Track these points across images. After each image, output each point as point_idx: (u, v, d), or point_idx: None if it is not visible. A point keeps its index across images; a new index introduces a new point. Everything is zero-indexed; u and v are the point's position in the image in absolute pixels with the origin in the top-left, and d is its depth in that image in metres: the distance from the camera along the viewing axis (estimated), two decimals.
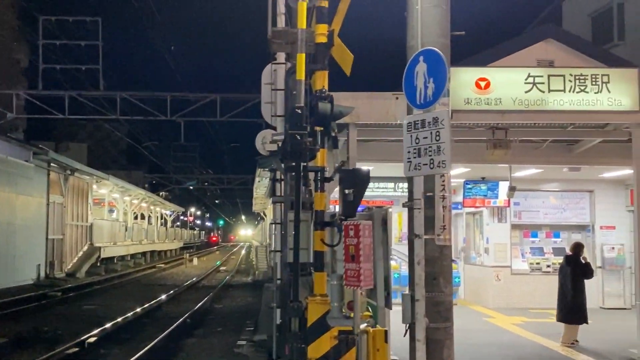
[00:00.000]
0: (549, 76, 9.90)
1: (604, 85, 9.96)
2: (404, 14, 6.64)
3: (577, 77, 9.92)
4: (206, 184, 70.57)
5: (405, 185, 7.30)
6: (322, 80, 6.76)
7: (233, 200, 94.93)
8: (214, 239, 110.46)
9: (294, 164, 6.28)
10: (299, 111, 6.11)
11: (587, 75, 9.95)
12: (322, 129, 6.61)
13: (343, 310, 6.14)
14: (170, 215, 64.91)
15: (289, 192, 7.31)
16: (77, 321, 15.56)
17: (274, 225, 10.70)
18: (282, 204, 8.37)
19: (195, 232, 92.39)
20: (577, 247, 11.83)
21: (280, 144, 6.55)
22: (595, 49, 12.56)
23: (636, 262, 10.73)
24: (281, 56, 10.39)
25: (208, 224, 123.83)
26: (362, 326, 5.81)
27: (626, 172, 13.95)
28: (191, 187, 72.49)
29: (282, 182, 8.95)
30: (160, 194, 66.70)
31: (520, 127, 11.15)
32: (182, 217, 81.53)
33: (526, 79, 9.86)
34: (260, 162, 9.83)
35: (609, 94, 9.91)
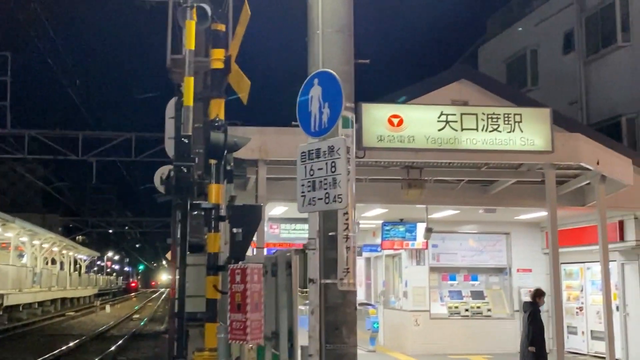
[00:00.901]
0: (461, 114, 9.70)
1: (517, 124, 9.82)
2: (305, 40, 6.16)
3: (489, 116, 9.75)
4: (125, 227, 67.95)
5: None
6: (217, 108, 6.17)
7: (153, 244, 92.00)
8: (133, 284, 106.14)
9: (180, 200, 5.60)
10: (186, 140, 5.46)
11: (499, 115, 9.80)
12: (216, 162, 5.99)
13: None
14: (85, 260, 61.88)
15: (178, 232, 6.59)
16: None
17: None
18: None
19: (112, 277, 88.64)
20: (536, 293, 11.00)
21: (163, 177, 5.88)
22: (508, 89, 12.64)
23: (553, 305, 10.47)
24: None
25: (127, 269, 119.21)
26: None
27: (541, 214, 13.93)
28: (110, 231, 69.64)
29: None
30: (77, 238, 63.68)
31: (435, 166, 10.90)
32: (98, 262, 78.01)
33: (439, 117, 9.62)
34: (158, 200, 9.06)
35: (521, 133, 9.77)
